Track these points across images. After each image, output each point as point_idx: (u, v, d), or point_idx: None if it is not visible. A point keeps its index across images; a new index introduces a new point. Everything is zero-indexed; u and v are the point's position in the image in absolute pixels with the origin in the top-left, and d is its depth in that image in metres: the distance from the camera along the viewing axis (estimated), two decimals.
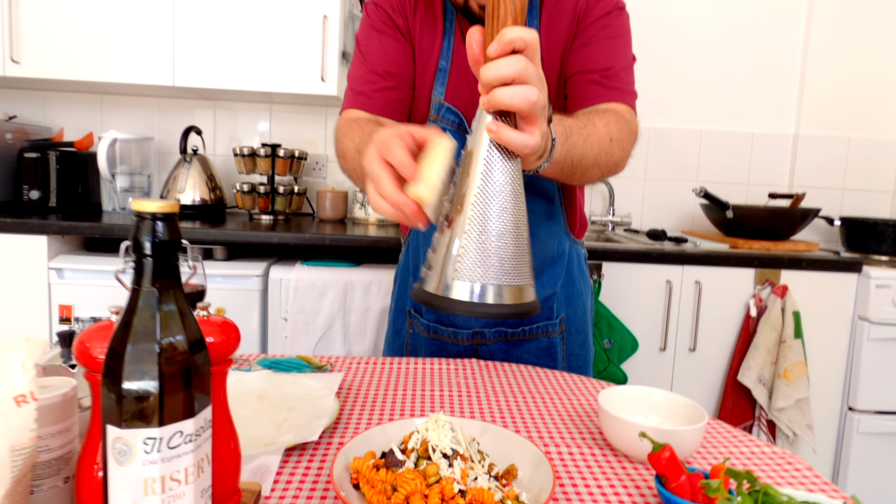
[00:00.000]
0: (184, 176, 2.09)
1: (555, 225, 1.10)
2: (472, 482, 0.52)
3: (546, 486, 0.54)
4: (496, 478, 0.53)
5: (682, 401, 0.75)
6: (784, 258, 1.75)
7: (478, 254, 0.50)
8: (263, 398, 0.83)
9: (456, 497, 0.50)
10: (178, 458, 0.40)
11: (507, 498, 0.51)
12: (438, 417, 0.56)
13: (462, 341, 1.11)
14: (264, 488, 0.59)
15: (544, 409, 0.85)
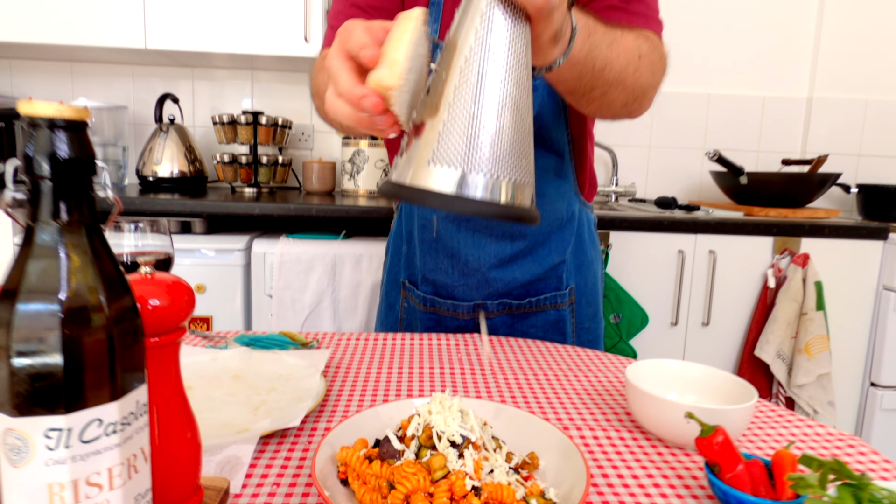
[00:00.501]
0: (160, 147, 1.96)
1: (564, 184, 0.99)
2: (488, 476, 0.43)
3: (578, 481, 0.44)
4: (516, 470, 0.44)
5: (723, 376, 0.65)
6: (805, 225, 1.65)
7: (466, 133, 0.39)
8: (239, 378, 0.73)
9: (469, 496, 0.40)
10: (98, 456, 0.30)
11: (532, 495, 0.42)
12: (444, 397, 0.46)
13: (462, 315, 1.01)
14: (234, 484, 0.49)
15: (559, 387, 0.76)
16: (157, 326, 0.39)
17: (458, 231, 0.97)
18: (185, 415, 0.43)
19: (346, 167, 2.05)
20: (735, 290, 1.72)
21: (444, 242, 0.98)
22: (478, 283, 0.99)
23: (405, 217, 1.06)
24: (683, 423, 0.56)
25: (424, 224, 0.99)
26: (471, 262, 0.97)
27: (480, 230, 0.96)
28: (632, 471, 0.55)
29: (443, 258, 0.99)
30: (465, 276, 0.99)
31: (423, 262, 1.01)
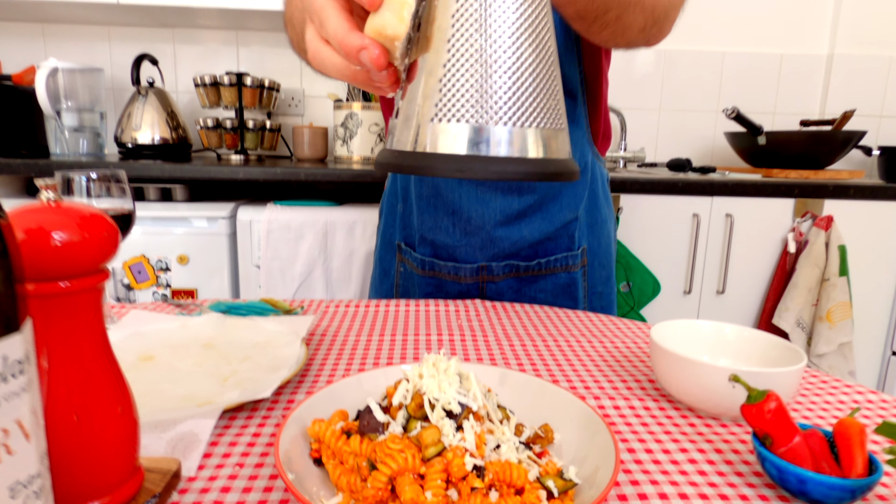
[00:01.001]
0: (139, 112, 1.86)
1: (577, 131, 0.90)
2: (493, 453, 0.35)
3: (604, 459, 0.36)
4: (527, 445, 0.36)
5: (762, 338, 0.57)
6: (829, 186, 1.56)
7: (475, 73, 0.30)
8: (210, 347, 0.65)
9: (469, 477, 0.32)
10: None
11: (547, 475, 0.34)
12: (438, 359, 0.38)
13: (464, 279, 0.93)
14: (188, 465, 0.41)
15: (572, 354, 0.68)
16: (65, 267, 0.31)
17: (460, 185, 0.88)
18: (112, 384, 0.35)
19: (338, 132, 1.95)
20: (752, 255, 1.63)
21: (444, 198, 0.89)
22: (482, 243, 0.90)
23: (402, 175, 0.97)
24: (720, 389, 0.48)
25: (422, 178, 0.90)
26: (474, 219, 0.89)
27: (485, 183, 0.88)
28: (661, 444, 0.47)
29: (443, 216, 0.90)
30: (467, 235, 0.90)
31: (420, 221, 0.92)
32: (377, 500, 0.32)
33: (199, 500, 0.38)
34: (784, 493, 0.40)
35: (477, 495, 0.32)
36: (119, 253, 0.71)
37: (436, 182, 0.89)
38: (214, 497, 0.38)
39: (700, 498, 0.40)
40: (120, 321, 0.69)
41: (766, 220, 1.61)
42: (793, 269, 1.58)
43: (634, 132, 2.29)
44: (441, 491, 0.32)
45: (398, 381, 0.38)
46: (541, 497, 0.33)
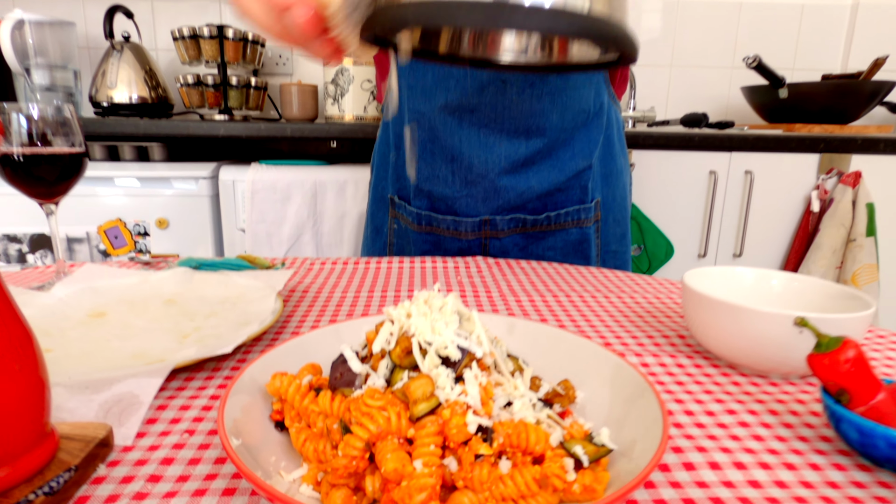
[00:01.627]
0: (114, 68, 1.75)
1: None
2: (502, 411, 0.27)
3: (646, 424, 0.29)
4: (545, 402, 0.28)
5: (819, 286, 0.49)
6: (857, 140, 1.47)
7: None
8: (172, 303, 0.57)
9: (473, 441, 0.25)
10: None
11: (573, 440, 0.26)
12: (432, 296, 0.30)
13: (465, 234, 0.85)
14: (125, 432, 0.34)
15: (587, 309, 0.60)
16: None
17: (460, 126, 0.79)
18: (6, 336, 0.27)
19: (328, 90, 1.85)
20: (773, 215, 1.55)
21: (443, 142, 0.80)
22: (484, 194, 0.82)
23: (394, 121, 0.88)
24: (774, 339, 0.41)
25: (417, 118, 0.81)
26: (476, 166, 0.80)
27: (488, 125, 0.79)
28: (703, 405, 0.40)
29: (441, 163, 0.82)
30: (468, 184, 0.82)
31: (416, 169, 0.84)
32: (351, 471, 0.25)
33: (133, 474, 0.31)
34: (864, 460, 0.33)
35: (483, 465, 0.25)
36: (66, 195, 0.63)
37: (433, 124, 0.80)
38: (152, 470, 0.31)
39: (761, 467, 0.32)
40: (71, 274, 0.61)
41: (788, 177, 1.52)
42: (816, 230, 1.50)
43: (644, 90, 2.18)
44: (435, 459, 0.24)
45: (381, 322, 0.30)
46: (566, 466, 0.25)
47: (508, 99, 0.77)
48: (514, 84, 0.76)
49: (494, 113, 0.78)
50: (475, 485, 0.24)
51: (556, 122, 0.79)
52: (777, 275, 0.51)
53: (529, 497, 0.25)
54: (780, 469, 0.32)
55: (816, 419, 0.38)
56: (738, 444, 0.35)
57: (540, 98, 0.77)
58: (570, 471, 0.25)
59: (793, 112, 1.71)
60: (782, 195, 1.53)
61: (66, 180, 0.63)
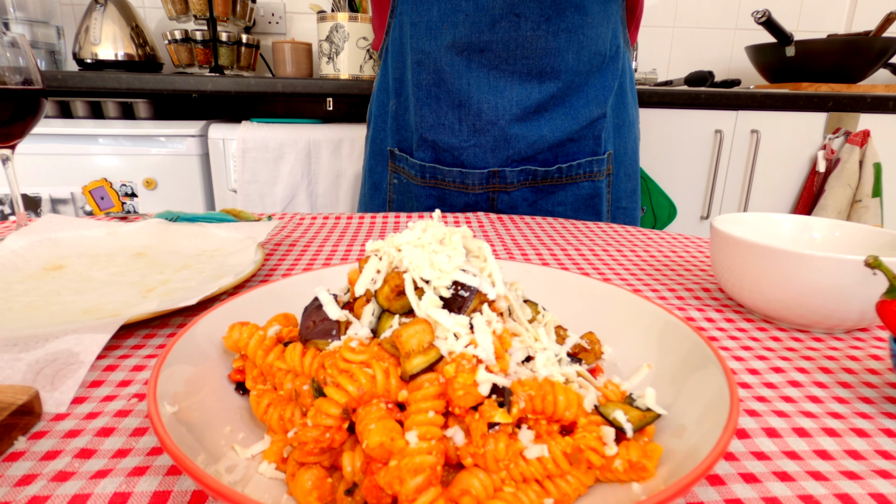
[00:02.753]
0: (97, 24, 1.64)
1: (612, 2, 0.72)
2: (521, 367, 0.20)
3: (704, 392, 0.22)
4: (573, 356, 0.21)
5: (869, 233, 0.43)
6: (866, 98, 1.38)
7: None
8: (142, 256, 0.50)
9: (486, 406, 0.18)
10: None
11: (610, 404, 0.20)
12: (430, 224, 0.23)
13: (472, 188, 0.77)
14: (59, 397, 0.27)
15: (599, 262, 0.54)
16: None
17: (469, 68, 0.71)
18: None
19: (323, 48, 1.74)
20: (778, 176, 1.47)
21: (449, 86, 0.72)
22: (494, 143, 0.74)
23: (393, 59, 0.79)
24: (830, 288, 0.34)
25: (421, 60, 0.73)
26: (485, 112, 0.72)
27: (499, 66, 0.70)
28: (744, 363, 0.33)
29: (447, 109, 0.74)
30: (476, 133, 0.74)
31: (419, 117, 0.76)
32: (324, 446, 0.18)
33: (60, 447, 0.24)
34: None
35: (499, 437, 0.18)
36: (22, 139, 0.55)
37: (438, 65, 0.72)
38: (84, 443, 0.24)
39: (826, 434, 0.26)
40: (29, 226, 0.54)
41: (794, 136, 1.44)
42: (821, 191, 1.43)
43: (645, 53, 2.08)
44: (435, 430, 0.18)
45: (366, 257, 0.23)
46: (605, 437, 0.19)
47: (522, 35, 0.69)
48: (528, 18, 0.68)
49: (506, 52, 0.70)
50: (489, 462, 0.18)
51: (571, 62, 0.71)
52: (818, 222, 0.45)
53: (558, 477, 0.18)
54: (849, 436, 0.26)
55: (876, 378, 0.32)
56: (793, 406, 0.29)
57: (556, 35, 0.69)
58: (611, 443, 0.19)
59: (799, 71, 1.61)
60: (788, 155, 1.46)
61: (21, 120, 0.55)
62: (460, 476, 0.18)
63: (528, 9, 0.68)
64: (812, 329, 0.38)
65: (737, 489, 0.22)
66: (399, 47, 0.77)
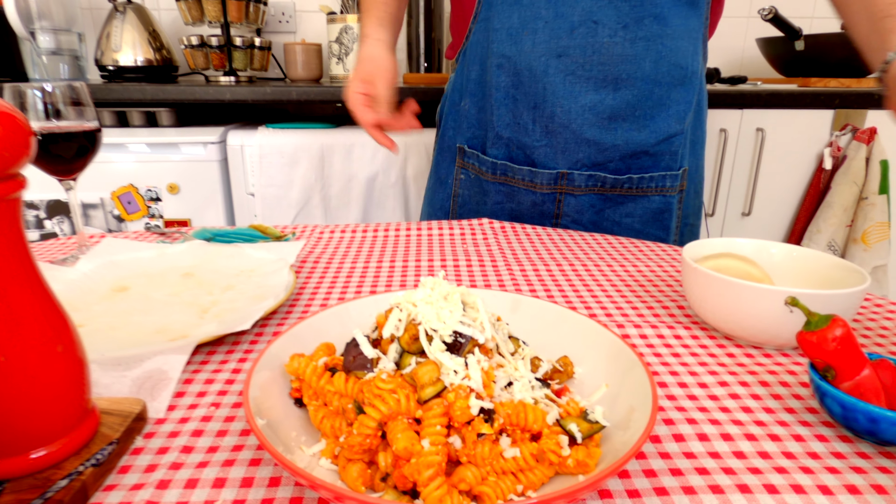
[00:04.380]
0: (118, 31, 1.73)
1: (694, 18, 0.75)
2: (503, 392, 0.29)
3: (638, 398, 0.31)
4: (544, 381, 0.30)
5: (815, 257, 0.51)
6: (874, 94, 1.43)
7: None
8: (190, 276, 0.60)
9: (475, 421, 0.27)
10: None
11: (569, 417, 0.28)
12: (437, 282, 0.32)
13: (540, 187, 0.83)
14: (157, 406, 0.37)
15: (590, 279, 0.62)
16: None
17: (546, 73, 0.76)
18: (47, 319, 0.29)
19: (332, 49, 1.82)
20: (783, 174, 1.54)
21: (526, 88, 0.78)
22: (564, 145, 0.79)
23: (471, 62, 0.85)
24: (768, 314, 0.42)
25: (501, 63, 0.79)
26: (558, 115, 0.77)
27: (575, 71, 0.75)
28: (697, 377, 0.42)
29: (523, 110, 0.80)
30: (548, 133, 0.79)
31: (497, 116, 0.82)
32: (365, 448, 0.27)
33: (167, 445, 0.34)
34: (846, 432, 0.35)
35: (485, 442, 0.27)
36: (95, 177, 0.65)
37: (518, 69, 0.78)
38: (184, 442, 0.34)
39: (747, 438, 0.35)
40: (92, 249, 0.63)
41: (800, 134, 1.50)
42: (827, 188, 1.49)
43: None
44: (441, 438, 0.27)
45: (390, 308, 0.32)
46: (562, 443, 0.28)
47: (599, 41, 0.73)
48: (606, 25, 0.73)
49: (583, 57, 0.74)
50: (478, 460, 0.27)
51: (648, 71, 0.74)
52: (777, 246, 0.53)
53: (528, 470, 0.27)
54: (764, 441, 0.35)
55: (805, 390, 0.40)
56: (727, 415, 0.37)
57: (633, 42, 0.73)
58: (565, 447, 0.28)
59: (809, 65, 1.66)
60: (794, 153, 1.52)
61: (83, 156, 0.64)
62: (458, 470, 0.27)
63: (605, 16, 0.72)
64: (764, 346, 0.46)
65: (665, 480, 0.31)
66: (479, 50, 0.83)
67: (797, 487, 0.30)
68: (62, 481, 0.29)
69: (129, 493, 0.30)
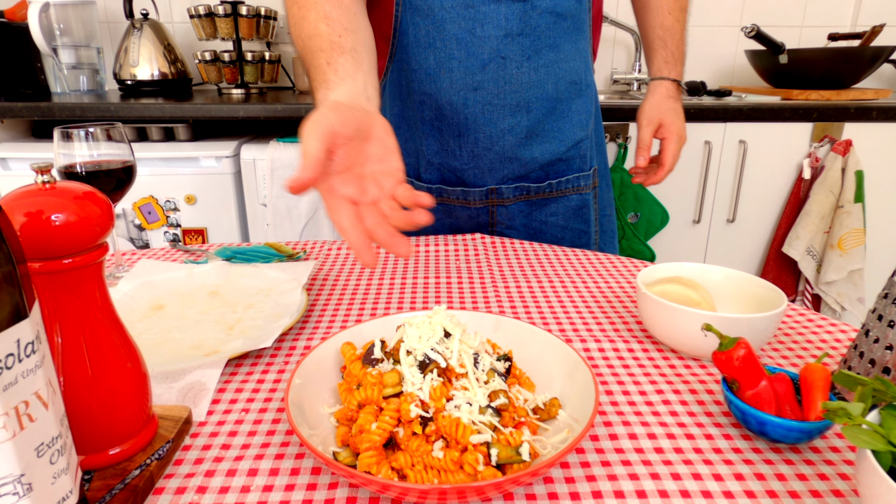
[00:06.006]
0: (135, 46, 1.83)
1: (582, 41, 0.88)
2: (454, 408, 0.38)
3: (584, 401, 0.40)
4: (497, 411, 0.38)
5: (748, 279, 0.59)
6: (850, 108, 1.51)
7: None
8: (216, 295, 0.69)
9: (414, 422, 0.37)
10: None
11: (498, 444, 0.37)
12: (438, 312, 0.41)
13: (473, 203, 0.94)
14: (198, 412, 0.46)
15: (566, 296, 0.71)
16: (66, 244, 0.33)
17: (465, 105, 0.86)
18: (120, 343, 0.38)
19: None
20: (766, 183, 1.61)
21: (450, 119, 0.88)
22: (490, 165, 0.90)
23: (392, 98, 0.94)
24: (697, 334, 0.51)
25: (423, 100, 0.88)
26: (481, 140, 0.88)
27: (491, 101, 0.86)
28: (640, 386, 0.51)
29: (449, 138, 0.90)
30: (475, 157, 0.90)
31: (426, 146, 0.92)
32: (348, 417, 0.39)
33: (209, 443, 0.43)
34: (748, 432, 0.44)
35: (418, 440, 0.37)
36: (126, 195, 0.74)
37: (439, 104, 0.87)
38: (223, 441, 0.43)
39: (668, 438, 0.43)
40: (130, 271, 0.73)
41: (781, 145, 1.57)
42: (806, 197, 1.56)
43: None
44: (387, 426, 0.37)
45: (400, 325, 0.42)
46: (478, 460, 0.36)
47: (509, 73, 0.84)
48: (512, 59, 0.83)
49: (496, 88, 0.85)
50: (410, 450, 0.37)
51: (550, 92, 0.86)
52: (716, 270, 0.61)
53: (448, 472, 0.36)
54: (682, 439, 0.43)
55: None
56: (656, 418, 0.46)
57: (537, 70, 0.84)
58: (481, 464, 0.36)
59: (794, 77, 1.73)
60: (776, 163, 1.59)
61: (122, 188, 0.73)
62: (396, 454, 0.37)
63: (511, 51, 0.83)
64: (702, 359, 0.55)
65: (596, 470, 0.40)
66: (398, 88, 0.92)
67: (696, 475, 0.39)
68: (135, 471, 0.38)
69: (184, 480, 0.39)
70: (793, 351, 0.57)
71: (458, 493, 0.32)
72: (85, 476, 0.37)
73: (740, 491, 0.38)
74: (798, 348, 0.58)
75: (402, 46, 0.87)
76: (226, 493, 0.38)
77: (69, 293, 0.35)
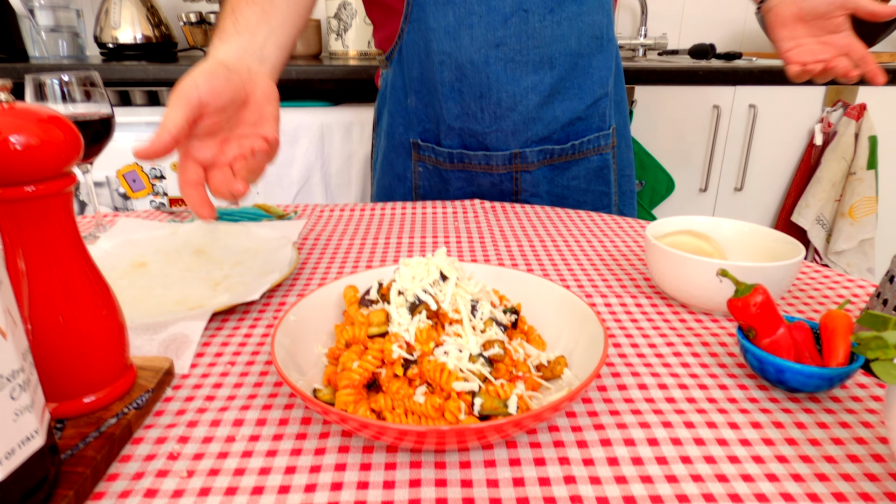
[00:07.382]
0: (116, 8, 1.77)
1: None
2: (443, 354, 0.36)
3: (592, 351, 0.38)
4: (489, 360, 0.36)
5: (762, 232, 0.57)
6: None
7: None
8: (202, 253, 0.67)
9: (395, 364, 0.35)
10: None
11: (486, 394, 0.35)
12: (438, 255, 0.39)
13: (496, 168, 0.91)
14: (181, 364, 0.44)
15: (569, 254, 0.69)
16: (28, 171, 0.31)
17: (486, 63, 0.84)
18: (94, 288, 0.36)
19: (331, 24, 1.86)
20: (775, 149, 1.59)
21: (471, 80, 0.85)
22: (514, 127, 0.88)
23: (409, 60, 0.91)
24: (709, 284, 0.49)
25: (443, 60, 0.85)
26: (504, 100, 0.86)
27: (514, 58, 0.84)
28: (649, 339, 0.49)
29: (470, 100, 0.87)
30: (497, 119, 0.88)
31: (446, 110, 0.89)
32: (336, 355, 0.38)
33: (192, 394, 0.41)
34: (764, 382, 0.42)
35: (399, 382, 0.35)
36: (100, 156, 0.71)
37: (459, 63, 0.84)
38: (206, 392, 0.41)
39: (679, 388, 0.42)
40: (110, 229, 0.70)
41: (792, 110, 1.54)
42: (817, 164, 1.54)
43: (656, 16, 2.15)
44: (369, 366, 0.36)
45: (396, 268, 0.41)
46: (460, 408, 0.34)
47: (531, 28, 0.82)
48: (535, 12, 0.81)
49: (519, 44, 0.83)
50: (391, 392, 0.35)
51: (573, 46, 0.84)
52: (729, 223, 0.59)
53: (430, 418, 0.34)
54: (694, 389, 0.42)
55: (738, 349, 0.47)
56: (667, 369, 0.44)
57: (559, 24, 0.82)
58: (462, 412, 0.34)
59: None
60: (786, 129, 1.56)
61: (100, 142, 0.71)
62: (376, 395, 0.36)
63: (533, 4, 0.81)
64: (713, 312, 0.53)
65: (603, 418, 0.38)
66: (416, 49, 0.89)
67: (711, 423, 0.37)
68: (112, 419, 0.36)
69: (164, 430, 0.37)
70: (809, 305, 0.56)
71: (436, 436, 0.30)
72: (57, 424, 0.35)
73: (757, 438, 0.36)
74: (814, 303, 0.56)
75: (418, 4, 0.84)
76: (209, 443, 0.36)
77: (34, 223, 0.33)
